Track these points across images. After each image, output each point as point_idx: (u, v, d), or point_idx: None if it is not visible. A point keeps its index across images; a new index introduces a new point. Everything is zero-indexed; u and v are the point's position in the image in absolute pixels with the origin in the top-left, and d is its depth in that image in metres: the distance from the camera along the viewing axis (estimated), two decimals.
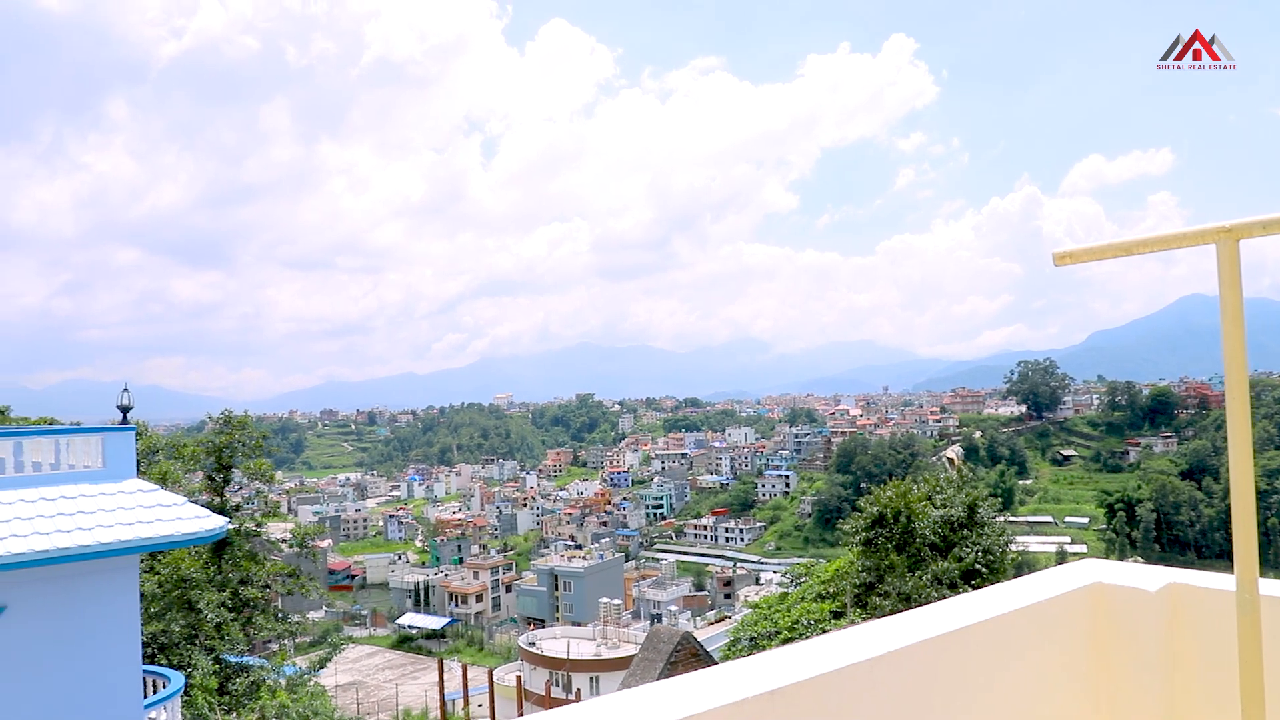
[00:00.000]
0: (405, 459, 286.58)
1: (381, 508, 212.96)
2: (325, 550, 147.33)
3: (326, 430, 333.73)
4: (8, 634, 10.81)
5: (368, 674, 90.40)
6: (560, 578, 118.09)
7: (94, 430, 12.50)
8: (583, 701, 2.18)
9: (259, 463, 33.92)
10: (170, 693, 14.66)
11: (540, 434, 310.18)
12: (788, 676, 2.18)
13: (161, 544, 11.55)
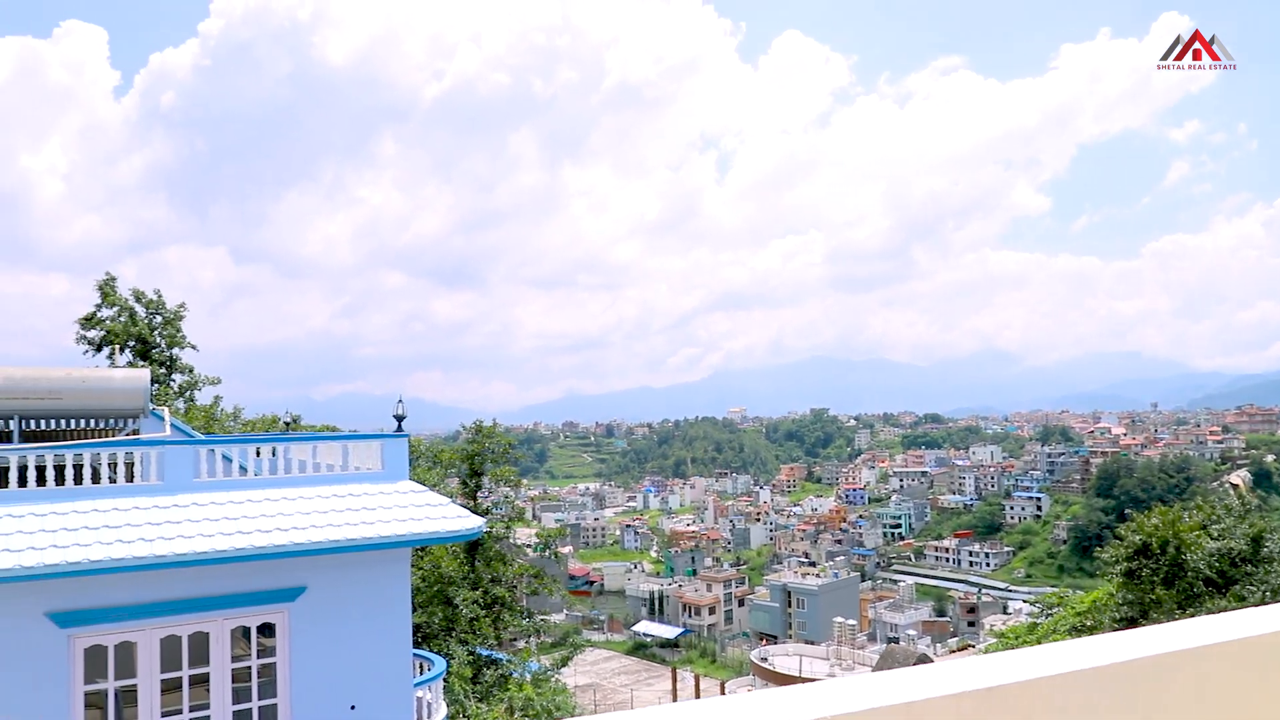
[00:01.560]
0: (641, 470, 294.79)
1: (619, 517, 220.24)
2: (567, 556, 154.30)
3: (568, 441, 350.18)
4: (307, 609, 12.48)
5: (605, 677, 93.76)
6: (794, 594, 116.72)
7: (374, 437, 14.13)
8: (814, 682, 2.32)
9: (505, 469, 36.41)
10: (434, 675, 16.17)
11: (774, 448, 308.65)
12: (1005, 676, 2.25)
13: (430, 539, 12.86)
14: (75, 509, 11.56)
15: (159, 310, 33.64)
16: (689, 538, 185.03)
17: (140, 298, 33.54)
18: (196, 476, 12.62)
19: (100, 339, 32.60)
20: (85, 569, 10.73)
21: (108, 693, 11.68)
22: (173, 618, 11.84)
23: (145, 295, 33.62)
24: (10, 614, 10.95)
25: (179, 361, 33.57)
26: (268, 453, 13.97)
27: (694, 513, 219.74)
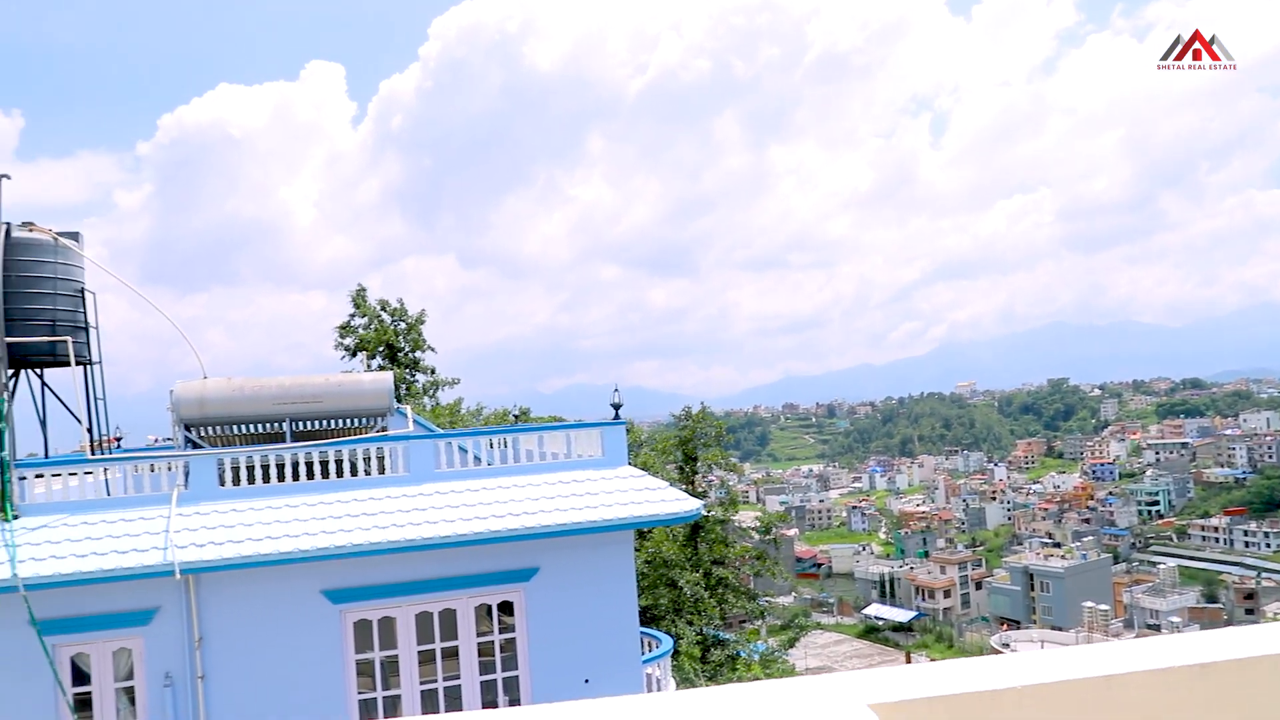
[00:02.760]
0: (866, 450, 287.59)
1: (844, 499, 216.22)
2: (792, 538, 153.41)
3: (788, 423, 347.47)
4: (541, 588, 13.39)
5: (835, 660, 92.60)
6: (1036, 577, 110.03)
7: (594, 425, 14.88)
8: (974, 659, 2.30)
9: (718, 452, 36.81)
10: (662, 652, 16.82)
11: (1008, 423, 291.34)
12: (1220, 653, 2.14)
13: (651, 521, 13.39)
14: (339, 499, 13.03)
15: (402, 317, 36.74)
16: (919, 518, 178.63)
17: (386, 307, 36.78)
18: (438, 467, 13.84)
19: (355, 346, 36.08)
20: (351, 552, 12.09)
21: (374, 662, 13.10)
22: (424, 595, 13.09)
23: (390, 304, 36.84)
24: (294, 591, 12.54)
25: (422, 363, 36.52)
26: (499, 444, 15.04)
27: (923, 492, 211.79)
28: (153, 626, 12.16)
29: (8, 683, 11.68)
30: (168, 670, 12.20)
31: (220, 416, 13.90)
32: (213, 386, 13.82)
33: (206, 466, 12.80)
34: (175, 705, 12.17)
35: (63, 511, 12.29)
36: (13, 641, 11.54)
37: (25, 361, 13.42)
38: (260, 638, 12.50)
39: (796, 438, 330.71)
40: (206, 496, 12.74)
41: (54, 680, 11.71)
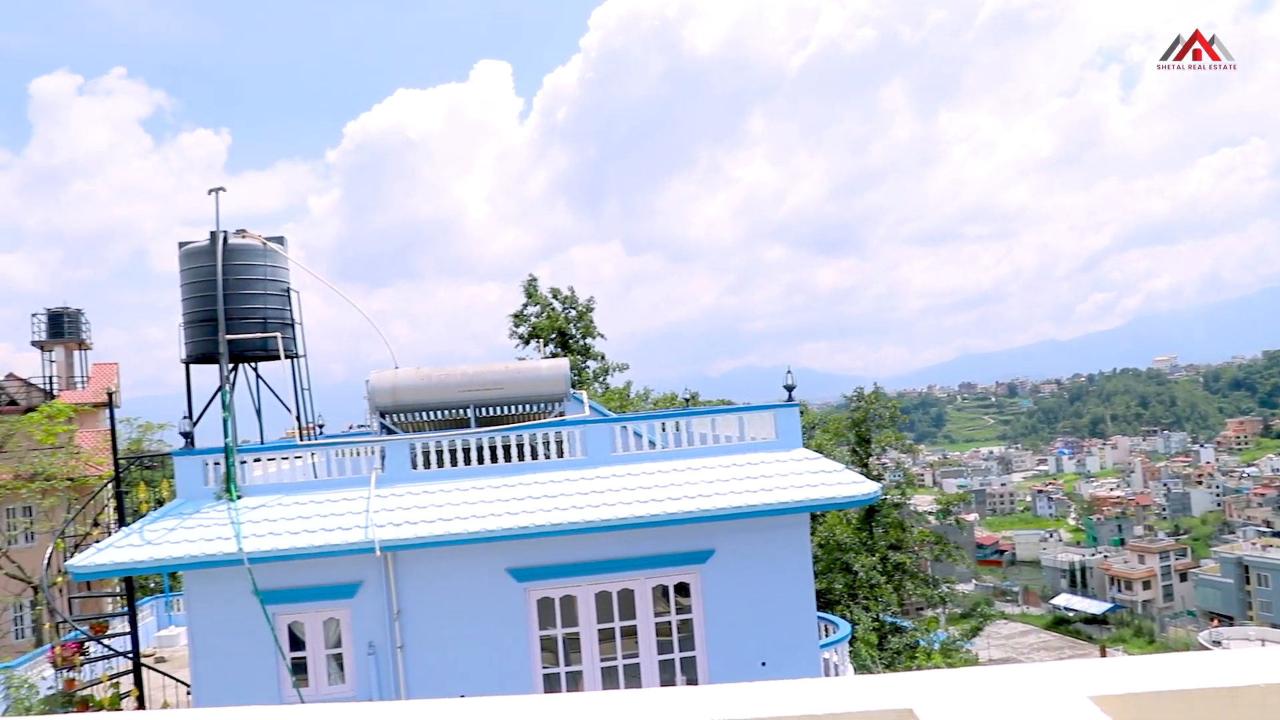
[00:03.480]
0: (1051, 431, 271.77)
1: (1028, 482, 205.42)
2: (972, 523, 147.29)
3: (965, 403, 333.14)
4: (716, 570, 13.47)
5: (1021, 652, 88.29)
6: (1253, 569, 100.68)
7: (767, 408, 14.77)
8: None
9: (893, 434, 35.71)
10: (839, 637, 16.56)
11: (1215, 400, 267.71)
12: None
13: (826, 504, 13.19)
14: (521, 481, 13.57)
15: (573, 305, 37.75)
16: (1113, 503, 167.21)
17: (557, 295, 37.91)
18: (614, 451, 14.15)
19: (528, 334, 37.40)
20: (534, 532, 12.57)
21: (557, 638, 13.60)
22: (603, 575, 13.45)
23: (561, 292, 37.94)
24: (481, 569, 13.19)
25: (592, 349, 37.43)
26: (671, 427, 15.21)
27: (1118, 476, 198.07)
28: (357, 599, 13.10)
29: (238, 645, 12.90)
30: (371, 640, 13.12)
31: (411, 404, 14.77)
32: (404, 376, 14.70)
33: (401, 451, 13.63)
34: (379, 672, 13.08)
35: (278, 492, 13.42)
36: (240, 609, 12.73)
37: (242, 356, 14.73)
38: (452, 612, 13.23)
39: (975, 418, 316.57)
40: (401, 479, 13.58)
41: (274, 645, 12.84)
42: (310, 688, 13.16)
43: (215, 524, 12.65)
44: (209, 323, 14.16)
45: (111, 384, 22.67)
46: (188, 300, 14.73)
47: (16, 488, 29.87)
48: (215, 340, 13.83)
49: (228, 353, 13.90)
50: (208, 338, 14.30)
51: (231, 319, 14.03)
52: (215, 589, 12.83)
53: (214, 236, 14.15)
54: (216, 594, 12.85)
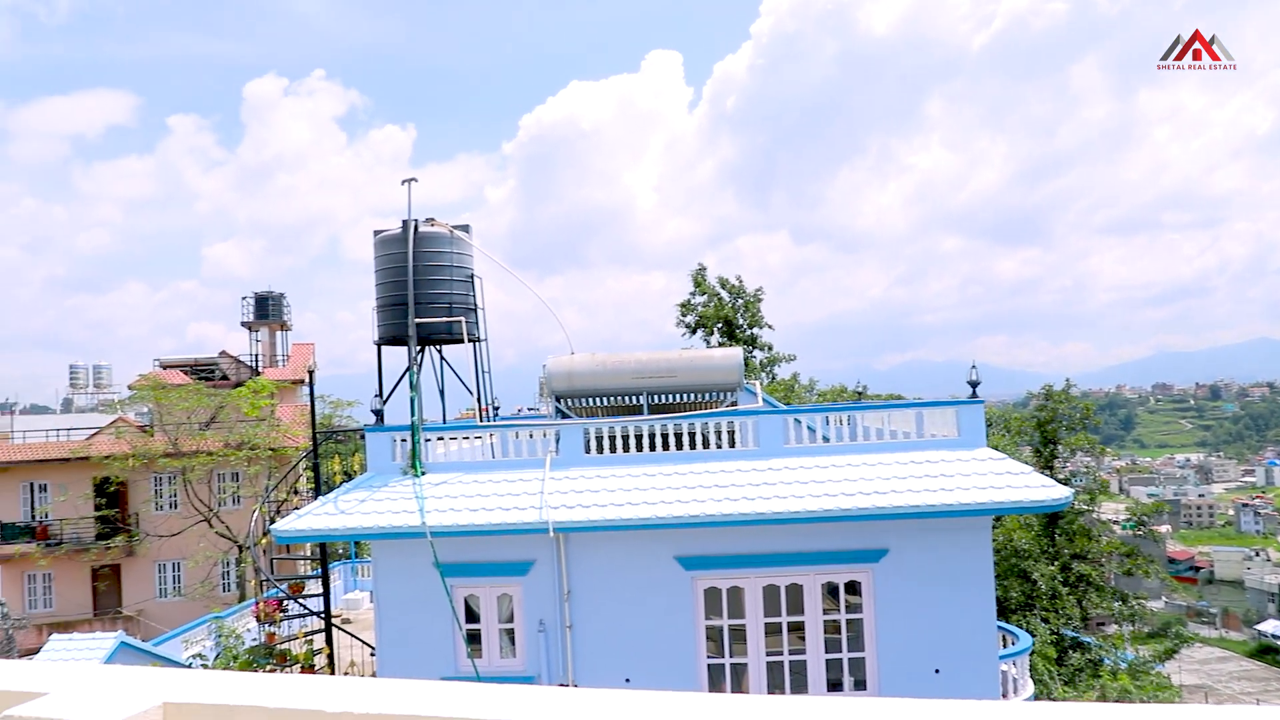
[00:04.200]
0: (1260, 439, 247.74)
1: (1231, 494, 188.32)
2: (1164, 536, 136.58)
3: (1159, 406, 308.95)
4: (889, 570, 12.99)
5: (1219, 680, 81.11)
6: None
7: (948, 404, 14.09)
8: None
9: (1083, 437, 33.42)
10: (1020, 649, 15.65)
11: None
12: None
13: (1013, 508, 12.46)
14: (692, 470, 13.54)
15: (740, 294, 37.49)
16: None
17: (725, 284, 37.74)
18: (786, 443, 13.89)
19: (695, 323, 37.44)
20: (704, 521, 12.52)
21: (722, 629, 13.51)
22: (771, 569, 13.24)
23: (729, 281, 37.73)
24: (650, 555, 13.26)
25: (759, 340, 37.07)
26: (844, 421, 14.78)
27: None
28: (529, 577, 13.48)
29: (418, 613, 13.56)
30: (541, 618, 13.47)
31: (586, 389, 15.03)
32: (579, 361, 14.98)
33: (575, 435, 13.90)
34: (547, 650, 13.42)
35: (459, 470, 13.99)
36: (422, 579, 13.36)
37: (429, 339, 15.43)
38: (620, 595, 13.39)
39: (1170, 422, 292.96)
40: (574, 462, 13.85)
41: (452, 615, 13.40)
42: (483, 659, 13.66)
43: (401, 498, 13.31)
44: (400, 307, 14.93)
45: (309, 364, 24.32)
46: (381, 285, 15.59)
47: (226, 455, 32.69)
48: (405, 324, 14.57)
49: (416, 335, 14.59)
50: (398, 321, 15.08)
51: (420, 303, 14.72)
52: (400, 559, 13.53)
53: (406, 225, 14.89)
54: (401, 564, 13.54)
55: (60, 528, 35.70)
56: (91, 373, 60.37)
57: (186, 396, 33.79)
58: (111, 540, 35.37)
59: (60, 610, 35.94)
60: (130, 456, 32.82)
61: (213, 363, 40.15)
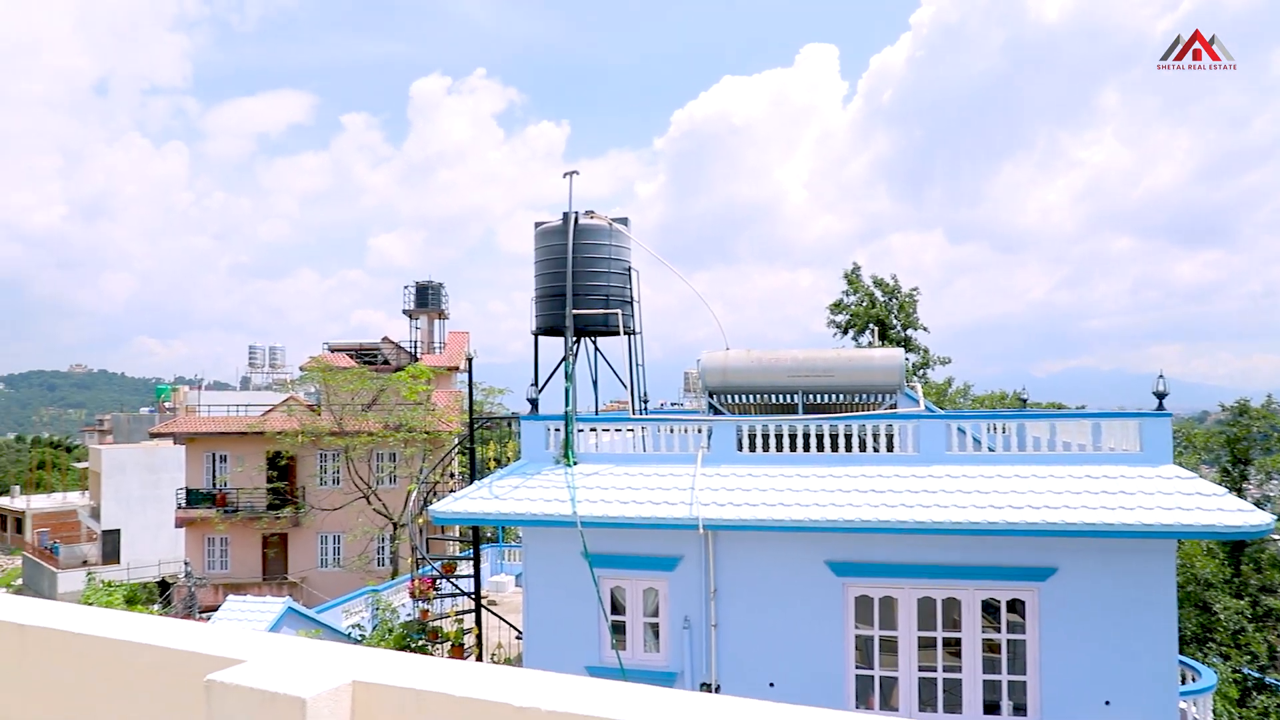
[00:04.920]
0: None
1: None
2: None
3: None
4: (1058, 591, 12.17)
5: None
6: None
7: (1131, 415, 13.06)
8: None
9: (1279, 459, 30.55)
10: (1203, 687, 14.40)
11: None
12: None
13: (1204, 533, 11.44)
14: (847, 473, 13.11)
15: (895, 294, 36.29)
16: None
17: (879, 283, 36.62)
18: (948, 450, 13.24)
19: (845, 322, 36.51)
20: (858, 527, 12.08)
21: (872, 639, 13.02)
22: (927, 580, 12.65)
23: (884, 280, 36.60)
24: (800, 558, 12.93)
25: (913, 341, 35.78)
26: (1008, 429, 13.97)
27: None
28: (676, 573, 13.40)
29: (565, 601, 13.72)
30: (686, 614, 13.36)
31: (739, 385, 14.82)
32: (734, 358, 14.78)
33: (727, 432, 13.71)
34: (691, 647, 13.30)
35: (610, 462, 14.06)
36: (570, 567, 13.51)
37: (585, 331, 15.59)
38: (767, 597, 13.11)
39: None
40: (726, 460, 13.67)
41: (598, 605, 13.49)
42: (627, 652, 13.68)
43: (554, 486, 13.50)
44: (558, 298, 15.15)
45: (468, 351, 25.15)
46: (540, 276, 15.87)
47: (385, 436, 34.27)
48: (563, 315, 14.77)
49: (573, 327, 14.76)
50: (556, 312, 15.31)
51: (578, 295, 14.89)
52: (549, 546, 13.72)
53: (566, 217, 15.08)
54: (550, 551, 13.74)
55: (237, 496, 38.40)
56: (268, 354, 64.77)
57: (351, 379, 35.63)
58: (280, 511, 37.76)
59: (234, 572, 38.68)
60: (299, 433, 34.91)
61: (375, 348, 42.20)
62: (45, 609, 3.35)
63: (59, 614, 3.20)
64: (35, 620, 3.16)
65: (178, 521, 39.00)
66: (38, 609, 3.34)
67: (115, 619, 3.07)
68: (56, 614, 3.20)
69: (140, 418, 67.92)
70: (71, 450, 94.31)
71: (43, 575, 47.91)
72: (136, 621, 3.06)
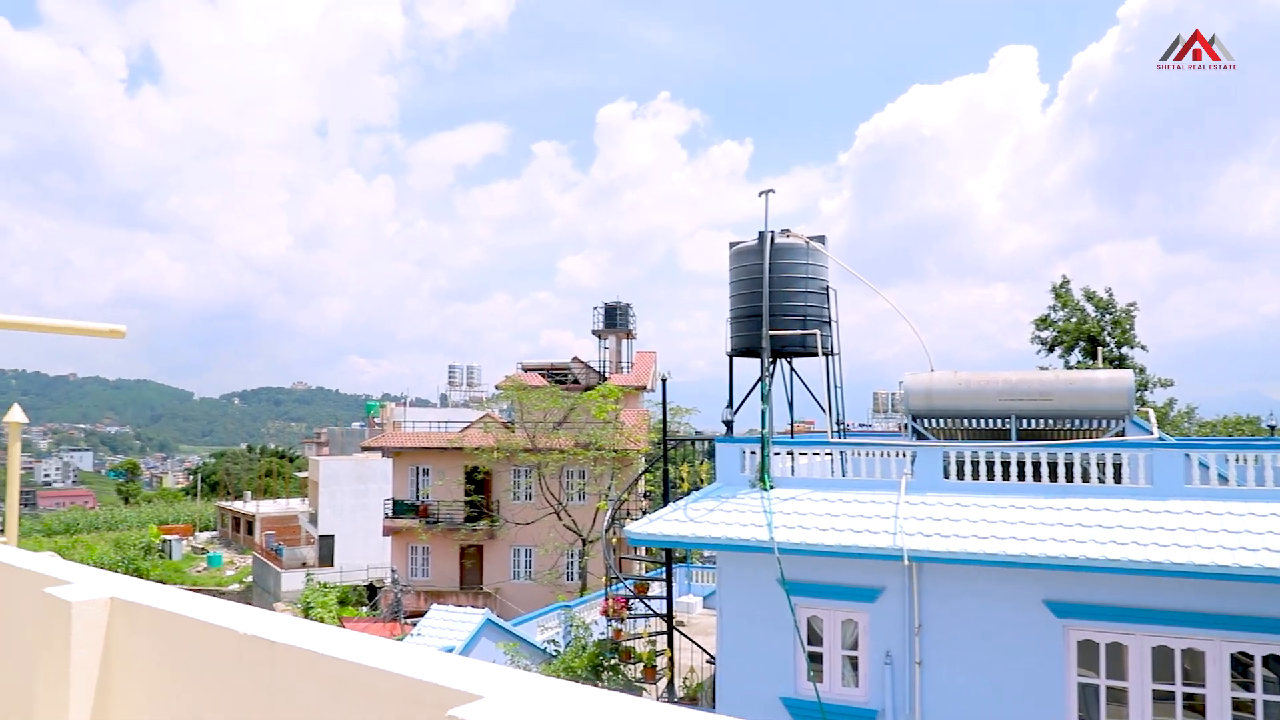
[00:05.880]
0: None
1: None
2: None
3: None
4: None
5: None
6: None
7: None
8: None
9: None
10: None
11: None
12: None
13: None
14: (1068, 505, 12.09)
15: (1108, 309, 33.66)
16: None
17: (1091, 297, 34.08)
18: (1187, 483, 11.97)
19: (1052, 339, 34.18)
20: (1081, 565, 11.09)
21: (1098, 688, 11.89)
22: (1164, 628, 11.43)
23: (1096, 294, 34.02)
24: (1015, 595, 12.02)
25: (1128, 360, 33.03)
26: (1258, 460, 12.44)
27: None
28: (877, 605, 12.79)
29: (761, 629, 13.40)
30: (888, 649, 12.72)
31: (945, 409, 14.05)
32: (939, 379, 14.03)
33: (933, 458, 13.00)
34: (893, 683, 12.64)
35: (807, 487, 13.65)
36: (765, 594, 13.19)
37: (781, 352, 15.29)
38: (977, 636, 12.28)
39: None
40: (931, 487, 12.95)
41: (795, 635, 13.09)
42: (824, 685, 13.18)
43: (749, 510, 13.24)
44: (754, 318, 14.94)
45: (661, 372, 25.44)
46: (736, 296, 15.71)
47: (576, 454, 35.13)
48: (759, 335, 14.54)
49: (769, 348, 14.50)
50: (752, 333, 15.10)
51: (775, 315, 14.62)
52: (745, 571, 13.46)
53: (762, 236, 14.87)
54: (745, 576, 13.47)
55: (437, 508, 40.48)
56: (465, 373, 68.17)
57: (543, 398, 36.82)
58: (477, 523, 39.46)
59: (434, 580, 40.73)
60: (495, 449, 36.39)
61: (566, 367, 43.47)
62: (294, 627, 3.48)
63: (308, 634, 3.32)
64: (285, 638, 3.27)
65: (385, 530, 41.55)
66: (287, 627, 3.48)
67: (360, 643, 3.15)
68: (305, 633, 3.32)
69: (352, 432, 73.18)
70: (294, 460, 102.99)
71: (269, 574, 52.28)
72: (380, 648, 3.12)
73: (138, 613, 3.89)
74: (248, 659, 3.37)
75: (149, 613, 3.85)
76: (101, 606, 3.89)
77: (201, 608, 3.72)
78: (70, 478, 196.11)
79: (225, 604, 3.79)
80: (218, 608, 3.73)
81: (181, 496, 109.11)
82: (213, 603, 3.86)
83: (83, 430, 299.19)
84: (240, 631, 3.40)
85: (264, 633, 3.30)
